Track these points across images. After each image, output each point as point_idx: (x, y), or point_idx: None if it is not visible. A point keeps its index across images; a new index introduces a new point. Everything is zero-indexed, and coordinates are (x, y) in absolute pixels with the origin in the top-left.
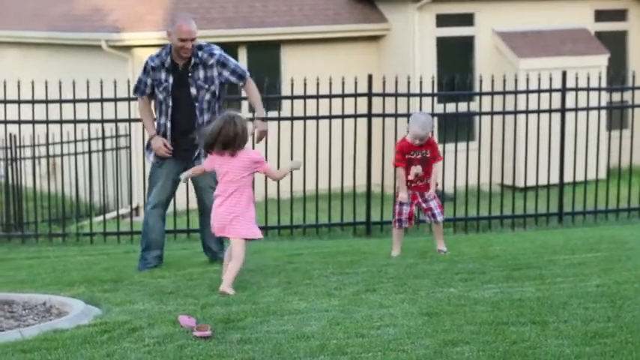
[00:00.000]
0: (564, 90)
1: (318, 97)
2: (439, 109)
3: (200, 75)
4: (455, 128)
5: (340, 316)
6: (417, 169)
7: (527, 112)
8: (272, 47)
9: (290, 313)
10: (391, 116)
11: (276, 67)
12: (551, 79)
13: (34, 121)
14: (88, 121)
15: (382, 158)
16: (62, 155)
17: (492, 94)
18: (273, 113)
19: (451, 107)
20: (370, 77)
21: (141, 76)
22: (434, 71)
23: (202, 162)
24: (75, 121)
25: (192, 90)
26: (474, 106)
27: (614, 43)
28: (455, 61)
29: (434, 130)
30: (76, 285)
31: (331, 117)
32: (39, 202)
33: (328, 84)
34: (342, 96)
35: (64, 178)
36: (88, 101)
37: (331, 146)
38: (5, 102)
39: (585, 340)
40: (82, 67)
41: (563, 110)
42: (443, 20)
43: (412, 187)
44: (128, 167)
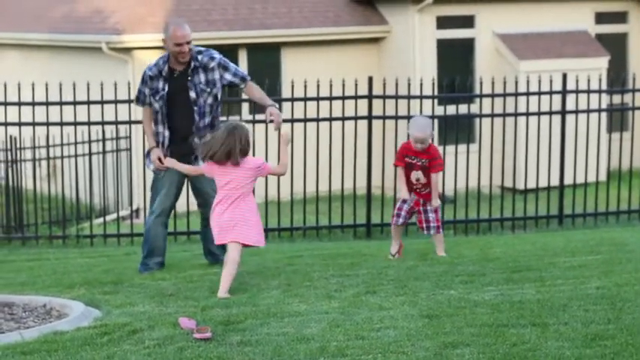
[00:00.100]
0: (565, 92)
1: (318, 99)
2: (439, 111)
3: (201, 79)
4: (455, 130)
5: (340, 318)
6: (417, 174)
7: (527, 115)
8: (272, 49)
9: (290, 316)
10: (391, 118)
11: (277, 69)
12: (551, 82)
13: (34, 123)
14: (89, 123)
15: (382, 160)
16: (62, 157)
17: (493, 96)
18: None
19: (451, 109)
20: (370, 79)
21: (140, 87)
22: (434, 73)
23: (201, 164)
24: (75, 123)
25: (192, 94)
26: (475, 108)
27: (615, 46)
28: (455, 63)
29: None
30: (77, 287)
31: (332, 119)
32: (39, 204)
33: (329, 86)
34: (343, 98)
35: (64, 180)
36: (89, 103)
37: (331, 148)
38: (6, 104)
39: (585, 342)
40: (82, 69)
41: (563, 112)
42: (443, 22)
43: (415, 192)
44: (128, 169)
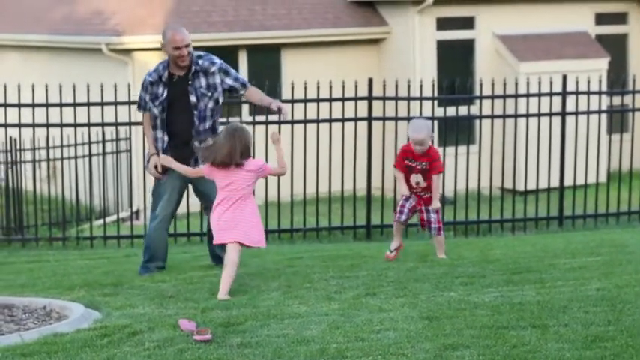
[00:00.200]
0: (565, 93)
1: (318, 100)
2: (439, 112)
3: (202, 83)
4: (455, 132)
5: (340, 319)
6: (417, 178)
7: (527, 116)
8: (272, 51)
9: (290, 317)
10: (392, 119)
11: (277, 71)
12: (551, 83)
13: (34, 125)
14: (89, 125)
15: (382, 162)
16: (62, 159)
17: (493, 97)
18: (273, 117)
19: (451, 111)
20: (371, 81)
21: (140, 93)
22: (434, 74)
23: (201, 167)
24: (75, 125)
25: (192, 98)
26: (475, 109)
27: (615, 47)
28: (455, 64)
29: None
30: (76, 289)
31: (332, 120)
32: (39, 205)
33: (328, 87)
34: (343, 99)
35: (64, 181)
36: (89, 105)
37: (331, 150)
38: (6, 105)
39: (585, 343)
40: (82, 70)
41: (563, 114)
42: (443, 23)
43: (416, 196)
44: (128, 171)
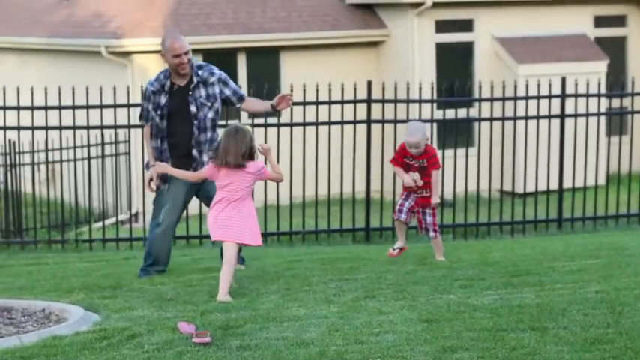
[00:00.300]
0: (564, 96)
1: (317, 103)
2: (438, 115)
3: (202, 93)
4: (454, 134)
5: (339, 322)
6: (414, 176)
7: (526, 118)
8: (271, 53)
9: (289, 320)
10: (390, 122)
11: (276, 73)
12: (550, 85)
13: (33, 128)
14: (88, 128)
15: (381, 164)
16: (61, 161)
17: (492, 100)
18: (272, 119)
19: (450, 113)
20: (369, 83)
21: (143, 103)
22: (433, 77)
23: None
24: (74, 128)
25: (192, 108)
26: (474, 112)
27: (614, 49)
28: (454, 67)
29: (432, 136)
30: (76, 291)
31: (330, 123)
32: (38, 208)
33: (327, 90)
34: (342, 102)
35: (63, 184)
36: (88, 107)
37: (330, 152)
38: (5, 108)
39: (585, 346)
40: (81, 73)
41: (562, 116)
42: (442, 26)
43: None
44: (127, 173)
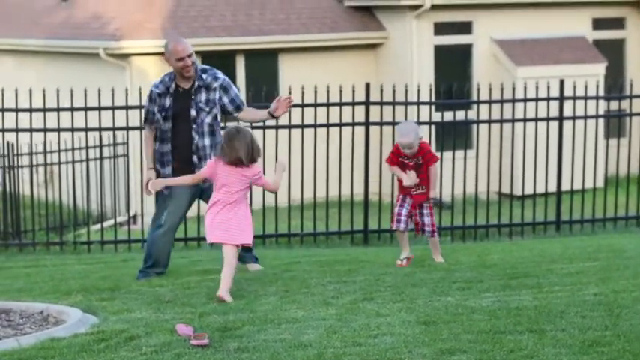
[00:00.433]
0: (562, 98)
1: (315, 105)
2: (437, 117)
3: (202, 97)
4: (452, 136)
5: (337, 324)
6: (411, 174)
7: (524, 121)
8: (270, 55)
9: (287, 322)
10: (389, 124)
11: (274, 76)
12: (548, 88)
13: (31, 130)
14: (86, 130)
15: (380, 166)
16: (60, 163)
17: (490, 102)
18: (271, 122)
19: (449, 115)
20: (368, 85)
21: (148, 106)
22: (432, 79)
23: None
24: (73, 130)
25: (192, 112)
26: (472, 114)
27: (612, 52)
28: (453, 69)
29: (431, 138)
30: (74, 293)
31: (329, 125)
32: (36, 210)
33: (326, 92)
34: (340, 104)
35: (61, 186)
36: (86, 109)
37: (329, 155)
38: (3, 110)
39: (583, 348)
40: (79, 75)
41: (560, 118)
42: (441, 28)
43: (412, 196)
44: (126, 175)
